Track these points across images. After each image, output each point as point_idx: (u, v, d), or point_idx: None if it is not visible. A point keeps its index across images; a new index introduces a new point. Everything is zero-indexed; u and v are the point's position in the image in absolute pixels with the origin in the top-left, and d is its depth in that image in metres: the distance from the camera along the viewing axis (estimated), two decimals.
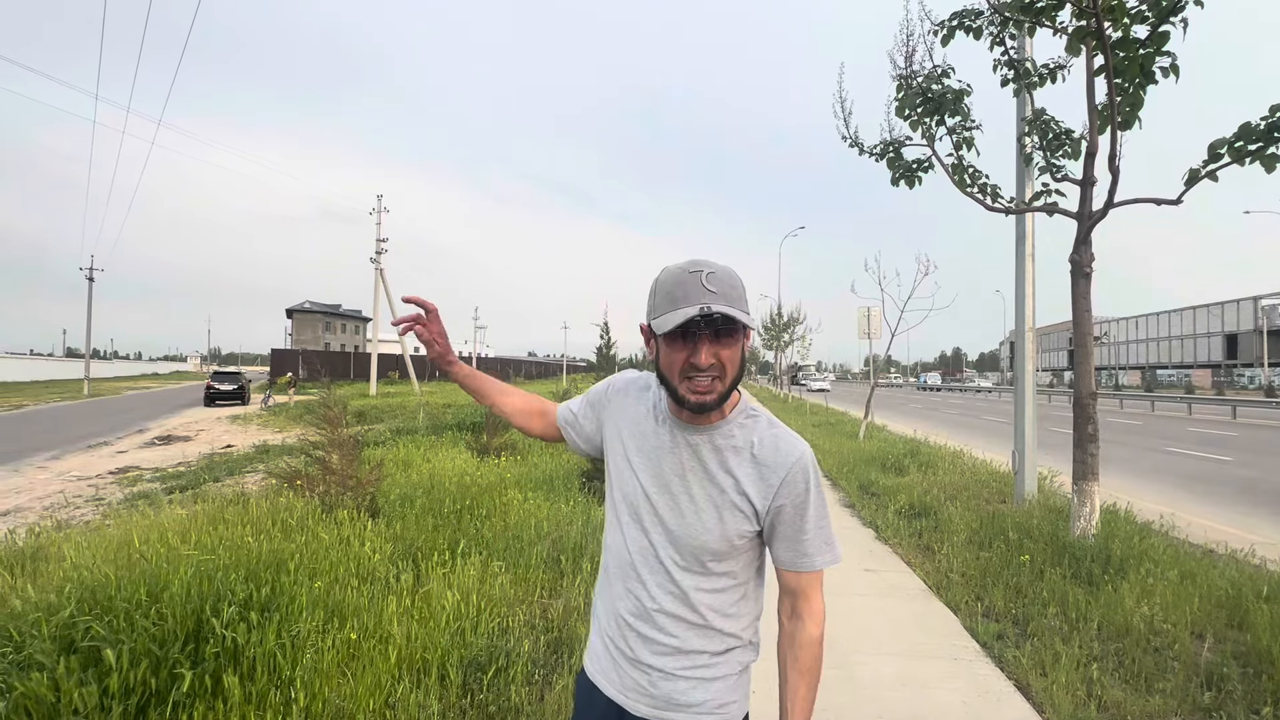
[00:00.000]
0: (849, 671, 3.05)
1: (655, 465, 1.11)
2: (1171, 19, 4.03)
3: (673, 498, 1.09)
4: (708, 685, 1.09)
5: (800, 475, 1.06)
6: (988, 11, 4.84)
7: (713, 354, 1.00)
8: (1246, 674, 2.94)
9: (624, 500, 1.14)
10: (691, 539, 1.07)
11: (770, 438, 1.08)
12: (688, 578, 1.08)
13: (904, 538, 5.36)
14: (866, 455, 9.32)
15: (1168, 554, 4.35)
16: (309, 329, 70.89)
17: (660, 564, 1.09)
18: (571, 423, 1.30)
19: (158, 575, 2.76)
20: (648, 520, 1.11)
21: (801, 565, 1.08)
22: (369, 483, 5.01)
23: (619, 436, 1.18)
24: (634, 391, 1.20)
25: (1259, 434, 15.87)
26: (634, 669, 1.11)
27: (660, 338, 1.02)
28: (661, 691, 1.09)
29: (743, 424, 1.10)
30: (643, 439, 1.14)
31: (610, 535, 1.18)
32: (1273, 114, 3.63)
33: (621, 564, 1.14)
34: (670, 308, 0.99)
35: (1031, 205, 5.35)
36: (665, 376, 1.05)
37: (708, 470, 1.08)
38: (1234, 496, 7.91)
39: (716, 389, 1.01)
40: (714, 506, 1.07)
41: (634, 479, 1.13)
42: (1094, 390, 4.69)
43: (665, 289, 1.01)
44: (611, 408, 1.22)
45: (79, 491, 8.30)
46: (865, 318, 14.93)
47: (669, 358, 1.03)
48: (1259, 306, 51.04)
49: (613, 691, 1.13)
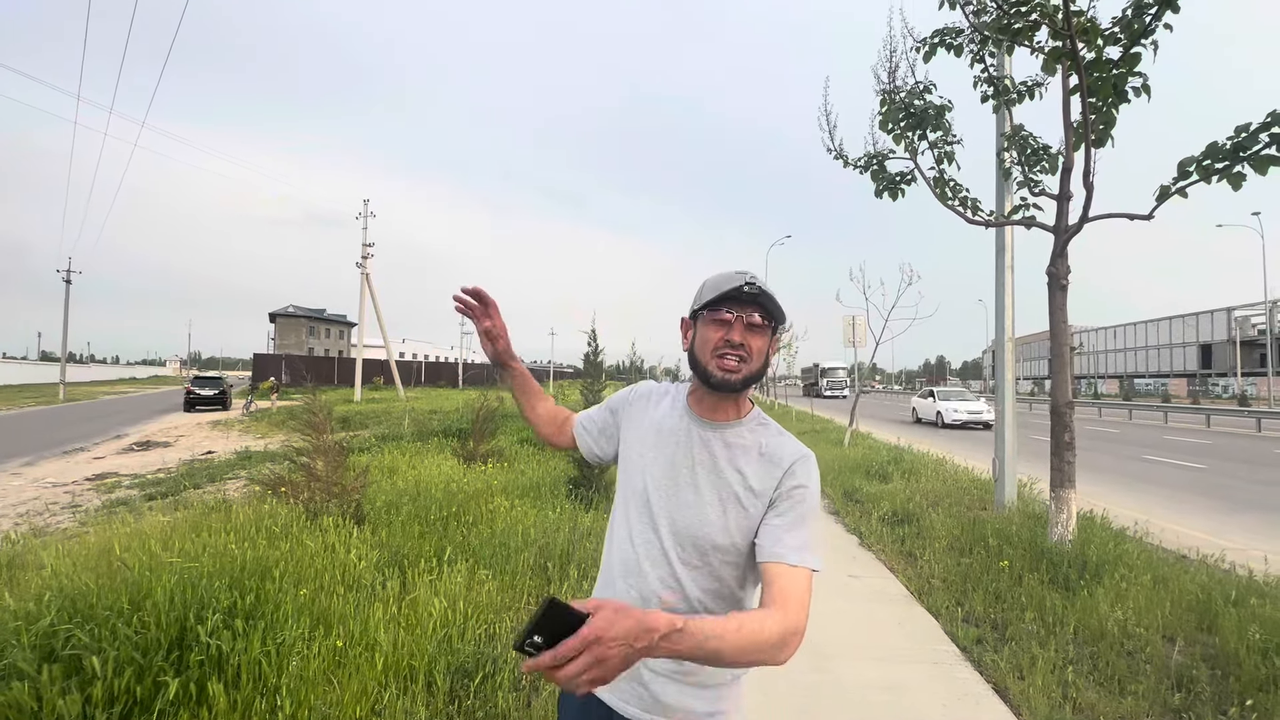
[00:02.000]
0: (832, 675, 3.09)
1: (668, 456, 1.17)
2: (1143, 41, 4.17)
3: (679, 489, 1.14)
4: (699, 691, 1.10)
5: (802, 470, 1.12)
6: (968, 30, 4.98)
7: (744, 336, 1.11)
8: (1215, 675, 3.03)
9: (634, 494, 1.19)
10: (694, 529, 1.11)
11: (777, 441, 1.16)
12: (687, 572, 1.11)
13: (887, 544, 5.43)
14: (851, 462, 9.42)
15: (1141, 559, 4.46)
16: (292, 333, 70.05)
17: (664, 556, 1.13)
18: (588, 429, 1.36)
19: (140, 583, 2.74)
20: (656, 510, 1.15)
21: (785, 556, 1.05)
22: (354, 489, 4.98)
23: (637, 436, 1.24)
24: (655, 397, 1.29)
25: (1232, 442, 16.25)
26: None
27: (701, 314, 1.15)
28: (652, 692, 1.10)
29: (753, 429, 1.18)
30: (660, 434, 1.20)
31: (617, 532, 1.22)
32: (1238, 134, 3.77)
33: (625, 559, 1.17)
34: (714, 293, 1.12)
35: (1010, 219, 5.48)
36: (697, 357, 1.15)
37: (716, 464, 1.14)
38: (1206, 503, 8.10)
39: (742, 370, 1.11)
40: (718, 499, 1.12)
41: (646, 472, 1.18)
42: (1071, 399, 4.80)
43: (713, 284, 1.15)
44: (633, 410, 1.29)
45: (55, 498, 8.14)
46: (850, 326, 15.11)
47: (704, 336, 1.14)
48: (1232, 317, 52.26)
49: (602, 691, 1.14)
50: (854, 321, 15.01)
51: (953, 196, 5.45)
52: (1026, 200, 5.36)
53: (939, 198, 5.46)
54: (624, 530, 1.19)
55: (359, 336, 32.07)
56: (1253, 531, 6.60)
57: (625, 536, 1.18)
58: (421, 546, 4.21)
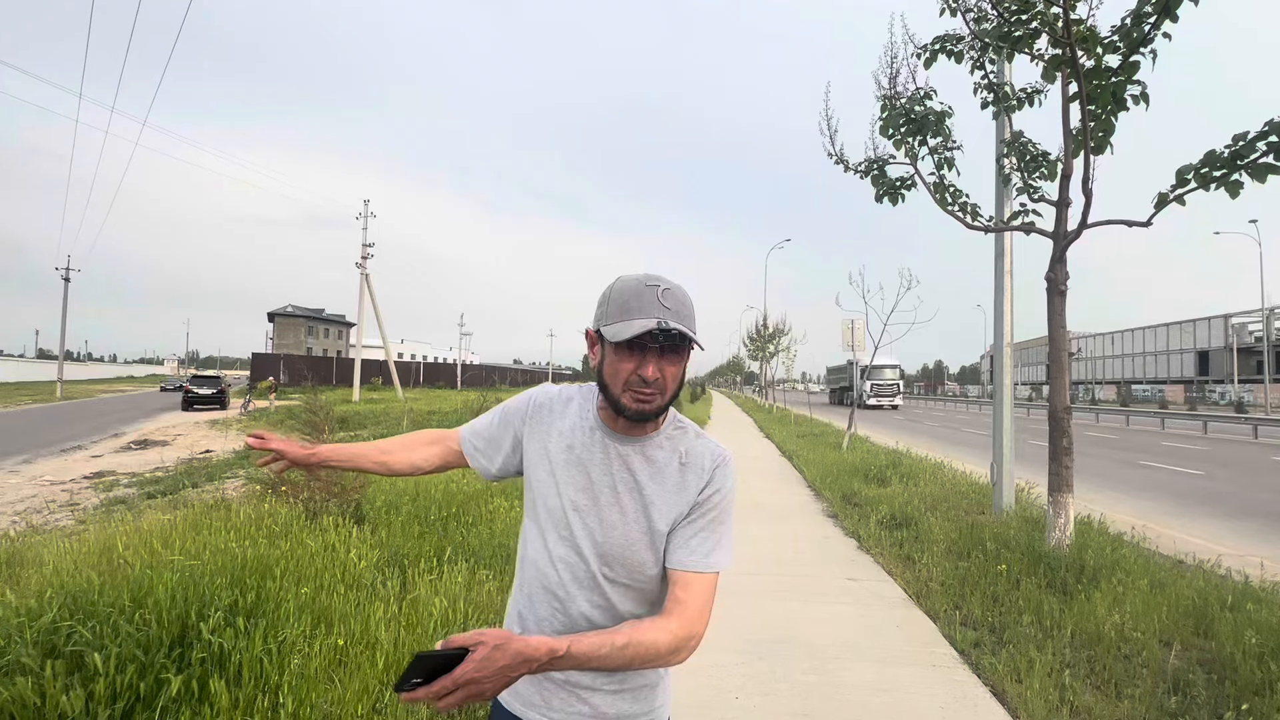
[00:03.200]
0: (830, 677, 3.11)
1: (585, 476, 1.10)
2: (1141, 50, 4.21)
3: (601, 509, 1.09)
4: (635, 695, 1.11)
5: (720, 476, 1.10)
6: (968, 37, 5.02)
7: (659, 369, 1.01)
8: (1211, 680, 3.05)
9: (549, 516, 1.12)
10: (620, 550, 1.07)
11: (697, 447, 1.12)
12: (615, 590, 1.08)
13: (885, 548, 5.44)
14: (849, 466, 9.44)
15: (1138, 564, 4.48)
16: (291, 333, 70.03)
17: (590, 578, 1.08)
18: (480, 448, 1.24)
19: (141, 580, 2.75)
20: (578, 533, 1.08)
21: (691, 564, 1.05)
22: (354, 489, 4.99)
23: (545, 452, 1.14)
24: (558, 406, 1.18)
25: (1228, 449, 16.29)
26: (560, 689, 1.09)
27: (609, 345, 1.03)
28: (591, 706, 1.09)
29: (671, 435, 1.12)
30: (571, 451, 1.12)
31: (533, 550, 1.14)
32: (1235, 143, 3.80)
33: (547, 581, 1.11)
34: (624, 317, 1.00)
35: (1009, 224, 5.51)
36: (607, 384, 1.05)
37: (638, 480, 1.09)
38: (1203, 509, 8.13)
39: (657, 401, 1.03)
40: (644, 516, 1.08)
41: (562, 492, 1.10)
42: (1068, 405, 4.83)
43: (620, 299, 1.02)
44: (535, 423, 1.18)
45: (53, 496, 8.13)
46: (849, 330, 15.14)
47: (615, 366, 1.03)
48: (1229, 325, 52.46)
49: (536, 716, 1.10)
50: (853, 325, 15.04)
51: (953, 202, 5.48)
52: (1026, 206, 5.39)
53: (939, 203, 5.49)
54: (541, 551, 1.12)
55: (358, 337, 32.10)
56: (1249, 537, 6.63)
57: (544, 558, 1.11)
58: (421, 546, 4.22)
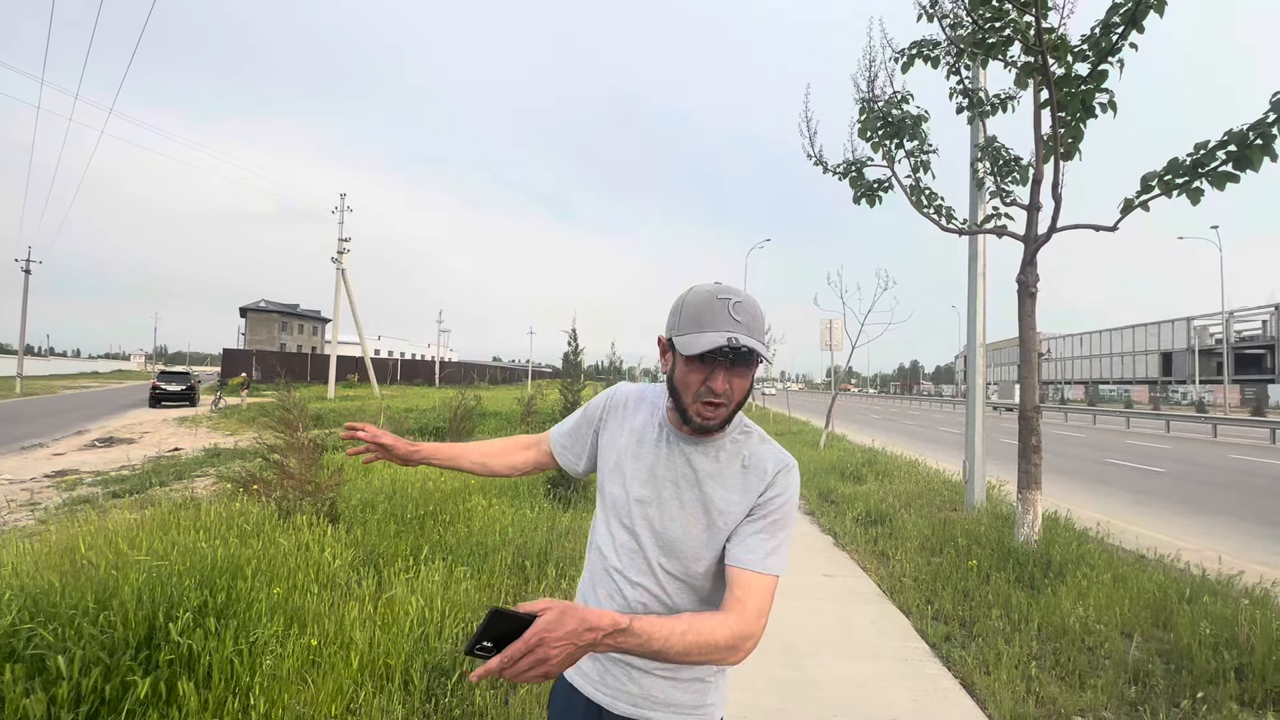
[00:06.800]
0: (806, 672, 3.15)
1: (650, 471, 1.15)
2: (1110, 59, 4.33)
3: (663, 503, 1.13)
4: (686, 686, 1.14)
5: (783, 480, 1.12)
6: (945, 43, 5.11)
7: (728, 381, 1.04)
8: (1169, 670, 3.16)
9: (614, 505, 1.18)
10: (678, 544, 1.12)
11: (760, 451, 1.14)
12: (672, 583, 1.13)
13: (861, 544, 5.53)
14: (827, 464, 9.56)
15: (1102, 559, 4.62)
16: (264, 329, 68.51)
17: (649, 567, 1.13)
18: (567, 445, 1.34)
19: (106, 581, 2.68)
20: (639, 524, 1.14)
21: (752, 563, 1.06)
22: (328, 488, 4.91)
23: (614, 445, 1.21)
24: (632, 404, 1.25)
25: (1190, 447, 16.84)
26: (615, 665, 1.14)
27: (680, 356, 1.06)
28: (641, 688, 1.13)
29: (736, 439, 1.15)
30: (640, 446, 1.18)
31: (600, 537, 1.21)
32: (1197, 151, 3.93)
33: (609, 565, 1.17)
34: (696, 330, 1.02)
35: (982, 227, 5.63)
36: (678, 392, 1.08)
37: (699, 479, 1.12)
38: (1165, 505, 8.40)
39: (723, 414, 1.06)
40: (703, 513, 1.11)
41: (627, 484, 1.16)
42: (1037, 404, 4.95)
43: (692, 310, 1.04)
44: (610, 418, 1.26)
45: (13, 496, 7.86)
46: (828, 330, 15.32)
47: (685, 377, 1.06)
48: (1191, 327, 54.23)
49: (592, 690, 1.16)
50: (831, 325, 15.22)
51: (928, 204, 5.58)
52: (999, 210, 5.51)
53: (915, 205, 5.59)
54: (606, 536, 1.19)
55: (334, 333, 31.54)
56: (1208, 533, 6.87)
57: (609, 544, 1.18)
58: (397, 545, 4.18)
